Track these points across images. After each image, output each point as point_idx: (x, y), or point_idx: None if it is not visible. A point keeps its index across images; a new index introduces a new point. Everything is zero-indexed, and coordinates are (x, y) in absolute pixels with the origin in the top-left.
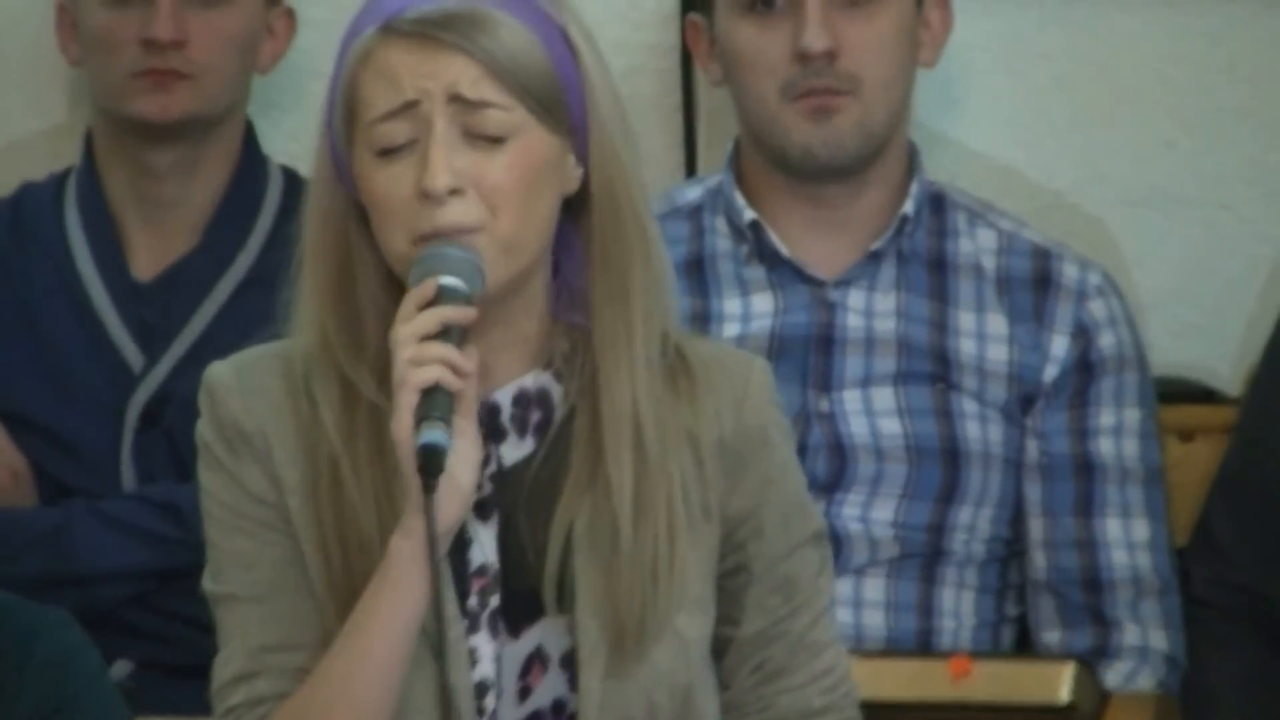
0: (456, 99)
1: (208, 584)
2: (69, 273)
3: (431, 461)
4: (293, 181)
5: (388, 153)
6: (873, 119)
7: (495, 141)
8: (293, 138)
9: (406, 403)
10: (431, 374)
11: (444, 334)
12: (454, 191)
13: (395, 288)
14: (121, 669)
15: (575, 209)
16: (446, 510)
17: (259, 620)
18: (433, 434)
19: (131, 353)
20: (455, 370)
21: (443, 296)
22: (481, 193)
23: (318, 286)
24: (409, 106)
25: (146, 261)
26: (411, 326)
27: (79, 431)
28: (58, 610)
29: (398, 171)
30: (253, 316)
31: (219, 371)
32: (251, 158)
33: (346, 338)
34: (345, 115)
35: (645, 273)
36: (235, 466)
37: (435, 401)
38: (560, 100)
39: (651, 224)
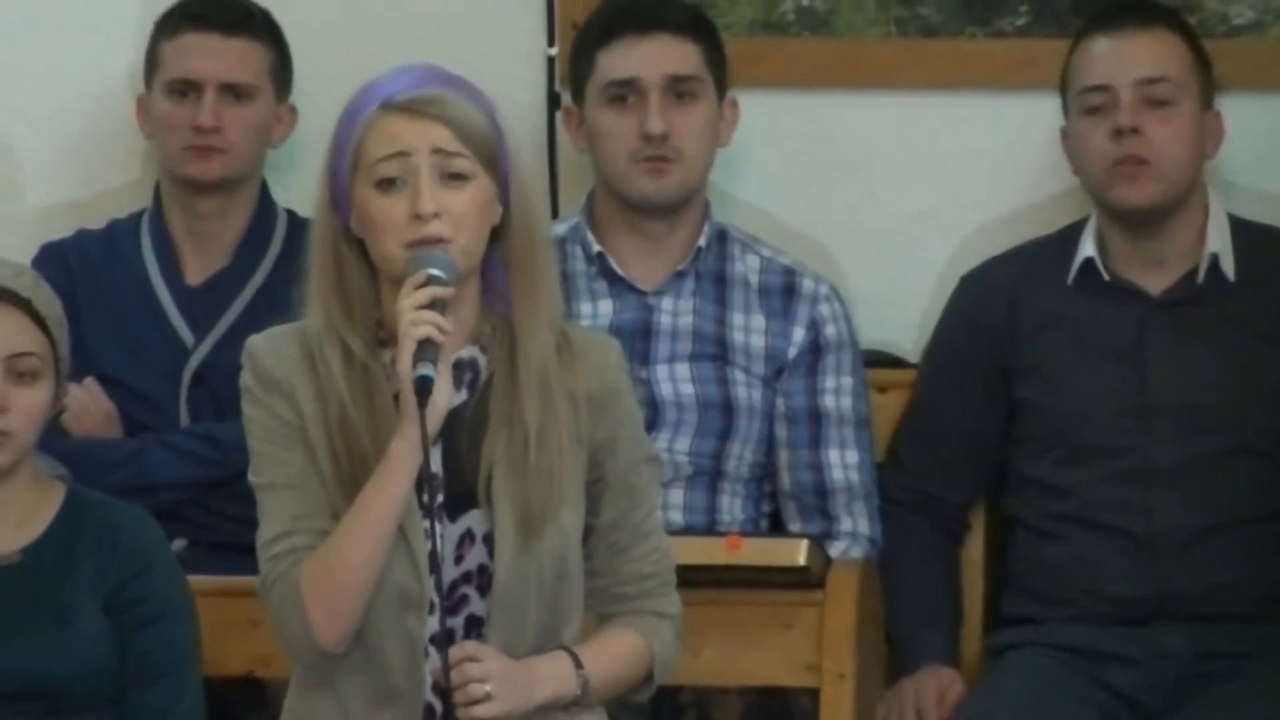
0: (438, 151)
1: (252, 478)
2: (143, 280)
3: (424, 388)
4: (294, 219)
5: (382, 185)
6: (690, 179)
7: (459, 181)
8: (290, 189)
9: (407, 350)
10: (424, 331)
11: (432, 305)
12: (435, 214)
13: (374, 281)
14: (179, 545)
15: (496, 236)
16: (430, 422)
17: (292, 499)
18: (426, 370)
19: (186, 335)
20: (440, 329)
21: (431, 281)
22: (451, 216)
23: (321, 282)
24: (402, 154)
25: (195, 273)
26: (411, 299)
27: (150, 388)
28: (137, 507)
29: (392, 200)
30: (266, 311)
31: (256, 341)
32: (265, 203)
33: (343, 315)
34: (352, 163)
35: (546, 279)
36: (268, 401)
37: (426, 350)
38: (496, 160)
39: (550, 246)
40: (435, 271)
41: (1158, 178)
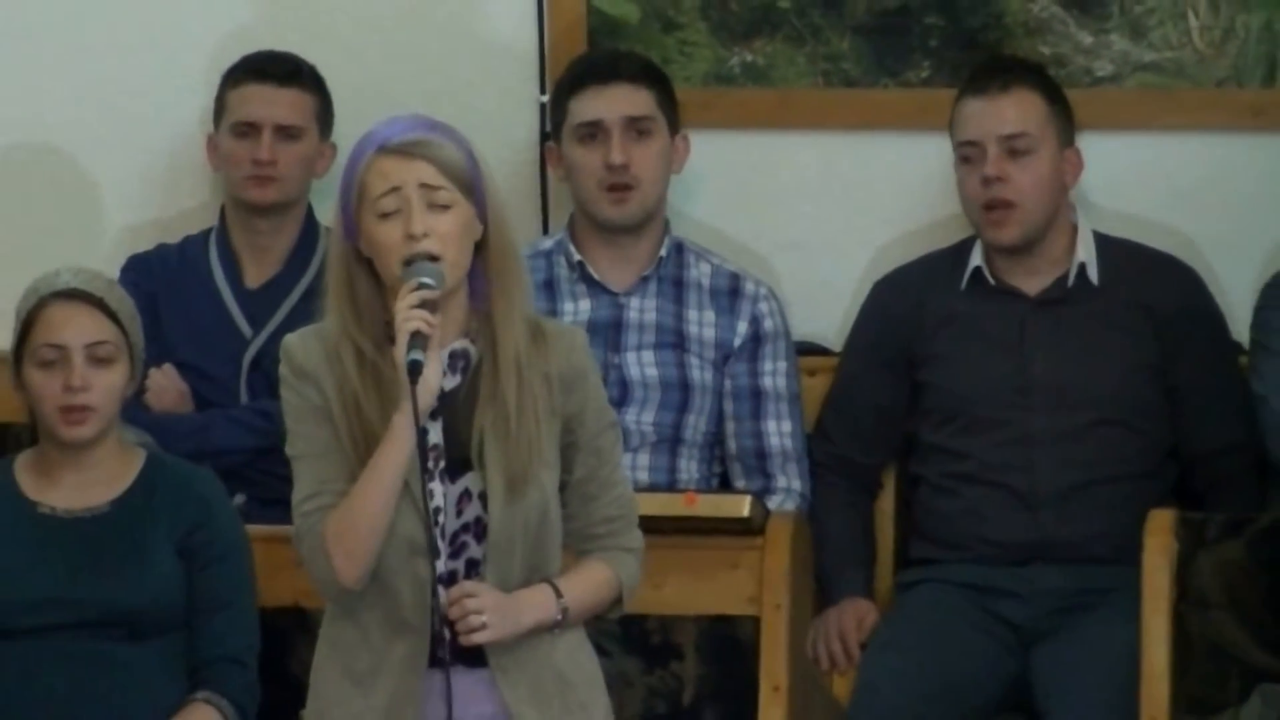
0: (424, 185)
1: (288, 450)
2: (211, 285)
3: (415, 370)
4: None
5: (384, 216)
6: (647, 202)
7: (444, 208)
8: (331, 211)
9: (401, 340)
10: (415, 325)
11: (423, 305)
12: (425, 234)
13: (380, 292)
14: (239, 499)
15: (478, 248)
16: (421, 398)
17: (319, 466)
18: (415, 355)
19: (245, 328)
20: (428, 324)
21: (421, 287)
22: (438, 236)
23: (336, 295)
24: (395, 189)
25: (253, 278)
26: (405, 300)
27: (216, 371)
28: (205, 468)
29: (391, 227)
30: (311, 309)
31: (290, 339)
32: (311, 222)
33: (355, 322)
34: (357, 198)
35: (519, 283)
36: (300, 388)
37: (417, 340)
38: (474, 187)
39: (522, 257)
40: (425, 279)
41: (1021, 220)
